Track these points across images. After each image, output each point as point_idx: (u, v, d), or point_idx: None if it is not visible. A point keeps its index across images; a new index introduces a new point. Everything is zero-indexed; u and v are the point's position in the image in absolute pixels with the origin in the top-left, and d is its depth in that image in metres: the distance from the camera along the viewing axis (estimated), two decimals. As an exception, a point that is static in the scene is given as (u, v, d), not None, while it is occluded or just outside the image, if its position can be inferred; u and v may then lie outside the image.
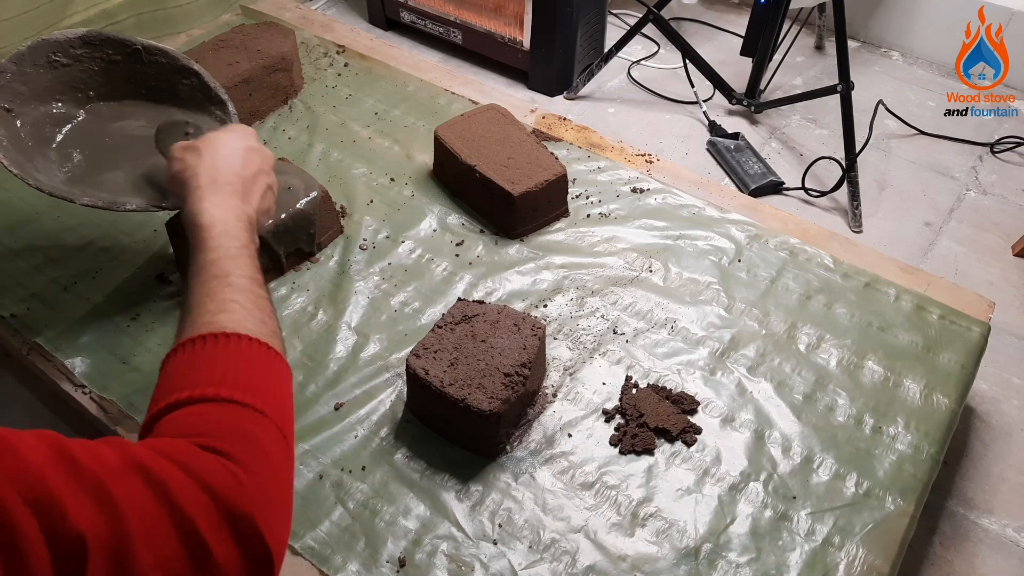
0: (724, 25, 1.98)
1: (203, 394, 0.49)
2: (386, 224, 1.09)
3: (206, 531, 0.41)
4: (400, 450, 0.83)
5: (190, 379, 0.50)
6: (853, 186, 1.43)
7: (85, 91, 0.94)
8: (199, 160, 0.69)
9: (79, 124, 0.93)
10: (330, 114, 1.27)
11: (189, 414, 0.48)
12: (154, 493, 0.40)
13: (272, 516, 0.45)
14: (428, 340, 0.82)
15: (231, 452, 0.45)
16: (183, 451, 0.44)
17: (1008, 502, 1.03)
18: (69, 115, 0.93)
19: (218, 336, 0.53)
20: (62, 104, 0.92)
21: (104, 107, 0.95)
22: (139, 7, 1.43)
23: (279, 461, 0.49)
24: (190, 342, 0.52)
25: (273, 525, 0.45)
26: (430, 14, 1.79)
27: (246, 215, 0.67)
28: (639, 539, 0.77)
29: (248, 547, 0.43)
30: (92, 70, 0.93)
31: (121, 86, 0.95)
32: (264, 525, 0.44)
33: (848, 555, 0.76)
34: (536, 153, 1.07)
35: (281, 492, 0.48)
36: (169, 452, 0.43)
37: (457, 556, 0.75)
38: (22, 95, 0.88)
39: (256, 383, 0.51)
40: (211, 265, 0.60)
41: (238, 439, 0.47)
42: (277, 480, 0.48)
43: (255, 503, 0.44)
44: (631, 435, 0.84)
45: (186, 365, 0.51)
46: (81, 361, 0.91)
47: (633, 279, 1.02)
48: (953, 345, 0.94)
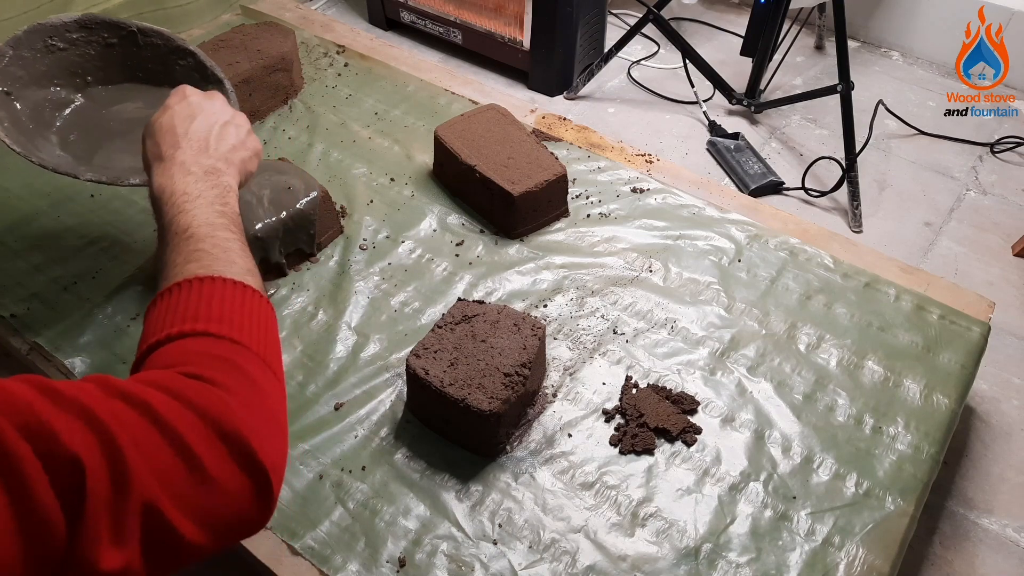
0: (724, 25, 1.98)
1: (180, 331, 0.49)
2: (386, 224, 1.09)
3: (196, 445, 0.41)
4: (400, 450, 0.83)
5: (168, 321, 0.50)
6: (853, 186, 1.43)
7: (83, 76, 0.94)
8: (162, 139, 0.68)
9: (78, 108, 0.93)
10: (330, 114, 1.28)
11: (168, 351, 0.49)
12: (139, 413, 0.41)
13: (263, 436, 0.45)
14: (428, 340, 0.82)
15: (214, 377, 0.46)
16: (166, 378, 0.44)
17: (1008, 502, 1.03)
18: (68, 99, 0.93)
19: (191, 281, 0.53)
20: (60, 88, 0.93)
21: (102, 91, 0.95)
22: (139, 7, 1.43)
23: (264, 385, 0.49)
24: (166, 291, 0.53)
25: (265, 445, 0.45)
26: (430, 14, 1.79)
27: (201, 167, 0.65)
28: (639, 539, 0.77)
29: (243, 463, 0.43)
30: (89, 54, 0.93)
31: (118, 70, 0.95)
32: (256, 443, 0.44)
33: (848, 555, 0.76)
34: (536, 153, 1.07)
35: (269, 414, 0.48)
36: (151, 380, 0.44)
37: (457, 556, 0.75)
38: (21, 79, 0.88)
39: (232, 317, 0.52)
40: (169, 226, 0.60)
41: (219, 366, 0.47)
42: (264, 402, 0.48)
43: (243, 422, 0.44)
44: (631, 435, 0.84)
45: (162, 311, 0.52)
46: (81, 361, 0.91)
47: (633, 279, 1.02)
48: (953, 345, 0.94)
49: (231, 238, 0.59)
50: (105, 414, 0.39)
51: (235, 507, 0.43)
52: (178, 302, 0.52)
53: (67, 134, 0.91)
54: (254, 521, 0.45)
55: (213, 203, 0.62)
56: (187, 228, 0.58)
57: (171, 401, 0.42)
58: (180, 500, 0.40)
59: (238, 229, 0.62)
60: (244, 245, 0.61)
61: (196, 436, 0.42)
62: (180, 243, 0.57)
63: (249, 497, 0.44)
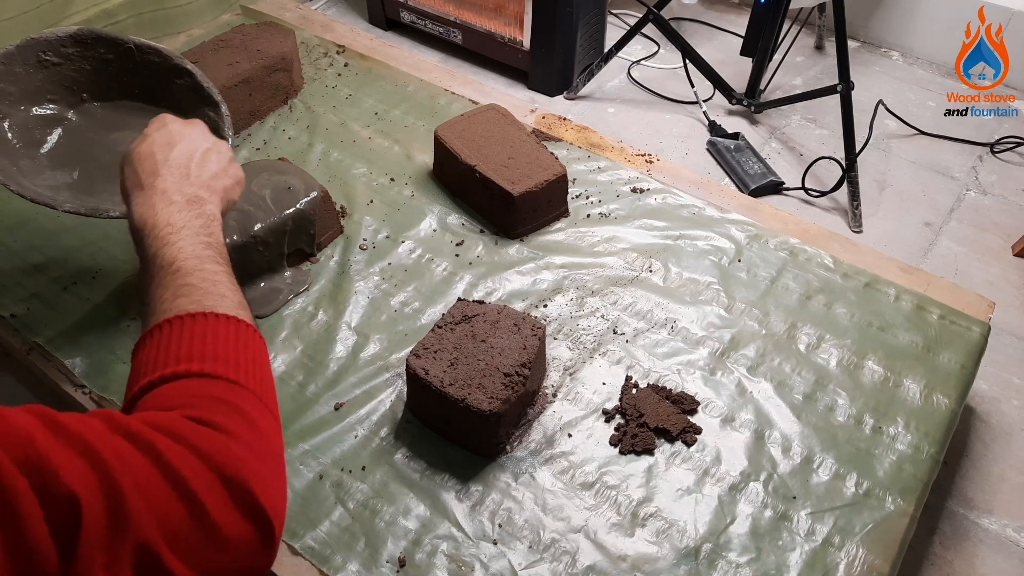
0: (724, 25, 1.98)
1: (174, 371, 0.48)
2: (386, 224, 1.09)
3: (199, 491, 0.41)
4: (400, 450, 0.83)
5: (160, 360, 0.49)
6: (853, 186, 1.43)
7: (78, 92, 0.92)
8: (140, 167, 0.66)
9: (71, 127, 0.91)
10: (330, 114, 1.28)
11: (164, 392, 0.47)
12: (143, 454, 0.40)
13: (266, 481, 0.44)
14: (428, 340, 0.82)
15: (215, 420, 0.45)
16: (169, 420, 0.43)
17: (1008, 502, 1.03)
18: (60, 116, 0.91)
19: (183, 318, 0.51)
20: (54, 105, 0.90)
21: (98, 108, 0.93)
22: (139, 7, 1.43)
23: (264, 427, 0.48)
24: (155, 328, 0.51)
25: (268, 490, 0.44)
26: (430, 14, 1.79)
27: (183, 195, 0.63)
28: (639, 539, 0.77)
29: (246, 510, 0.42)
30: (84, 69, 0.91)
31: (114, 86, 0.93)
32: (259, 490, 0.43)
33: (848, 555, 0.76)
34: (536, 153, 1.07)
35: (270, 456, 0.47)
36: (155, 422, 0.43)
37: (457, 556, 0.75)
38: (10, 95, 0.86)
39: (227, 355, 0.50)
40: (153, 260, 0.58)
41: (220, 408, 0.46)
42: (265, 445, 0.47)
43: (246, 467, 0.43)
44: (631, 435, 0.84)
45: (154, 350, 0.50)
46: (81, 361, 0.91)
47: (633, 279, 1.02)
48: (953, 345, 0.94)
49: (219, 271, 0.58)
50: (108, 452, 0.38)
51: (236, 554, 0.42)
52: (170, 340, 0.50)
53: (58, 155, 0.88)
54: (256, 568, 0.44)
55: (198, 234, 0.60)
56: (173, 262, 0.57)
57: (175, 445, 0.41)
58: (178, 544, 0.39)
59: (225, 261, 0.60)
60: (232, 277, 0.59)
61: (200, 481, 0.41)
62: (167, 277, 0.56)
63: (251, 544, 0.43)
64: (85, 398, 0.88)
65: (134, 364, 0.51)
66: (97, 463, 0.38)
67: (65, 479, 0.36)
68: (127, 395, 0.49)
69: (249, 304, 0.95)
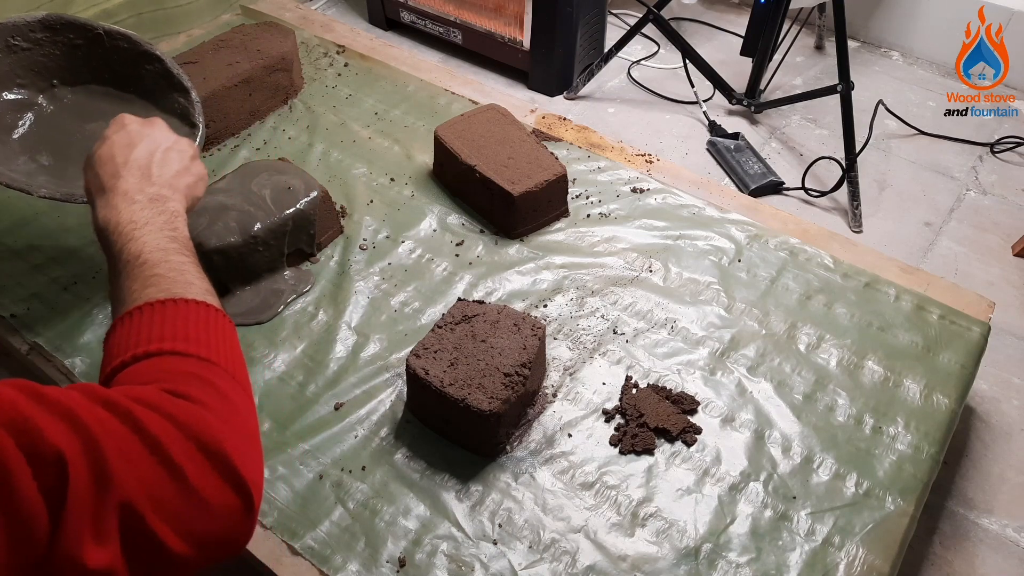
0: (724, 25, 1.98)
1: (146, 351, 0.49)
2: (386, 224, 1.09)
3: (178, 456, 0.42)
4: (400, 450, 0.83)
5: (132, 342, 0.50)
6: (853, 186, 1.43)
7: (47, 77, 0.92)
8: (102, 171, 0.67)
9: (42, 112, 0.91)
10: (330, 114, 1.28)
11: (137, 369, 0.48)
12: (122, 421, 0.41)
13: (242, 451, 0.45)
14: (428, 340, 0.82)
15: (189, 393, 0.46)
16: (146, 392, 0.45)
17: (1008, 502, 1.03)
18: (31, 102, 0.91)
19: (153, 304, 0.53)
20: (23, 90, 0.90)
21: (68, 93, 0.93)
22: (139, 7, 1.43)
23: (237, 401, 0.49)
24: (126, 316, 0.53)
25: (245, 460, 0.45)
26: (430, 14, 1.79)
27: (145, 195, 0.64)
28: (639, 539, 0.77)
29: (225, 476, 0.43)
30: (54, 54, 0.91)
31: (84, 71, 0.93)
32: (236, 458, 0.44)
33: (848, 555, 0.76)
34: (536, 153, 1.07)
35: (245, 429, 0.48)
36: (133, 393, 0.44)
37: (457, 556, 0.75)
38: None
39: (198, 336, 0.52)
40: (119, 256, 0.59)
41: (193, 383, 0.47)
42: (240, 417, 0.48)
43: (223, 436, 0.44)
44: (631, 435, 0.84)
45: (126, 334, 0.51)
46: (81, 361, 0.91)
47: (633, 279, 1.02)
48: (953, 345, 0.94)
49: (185, 261, 0.59)
50: (89, 418, 0.39)
51: (217, 519, 0.43)
52: (141, 324, 0.51)
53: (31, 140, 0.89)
54: (237, 534, 0.45)
55: (163, 229, 0.61)
56: (139, 255, 0.57)
57: (152, 414, 0.42)
58: (161, 508, 0.40)
59: (191, 253, 0.61)
60: (199, 268, 0.60)
61: (178, 448, 0.42)
62: (134, 270, 0.57)
63: (231, 510, 0.44)
64: (85, 398, 0.88)
65: (106, 348, 0.52)
66: (79, 427, 0.39)
67: (50, 439, 0.37)
68: (101, 376, 0.50)
69: (251, 309, 0.96)
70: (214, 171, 1.15)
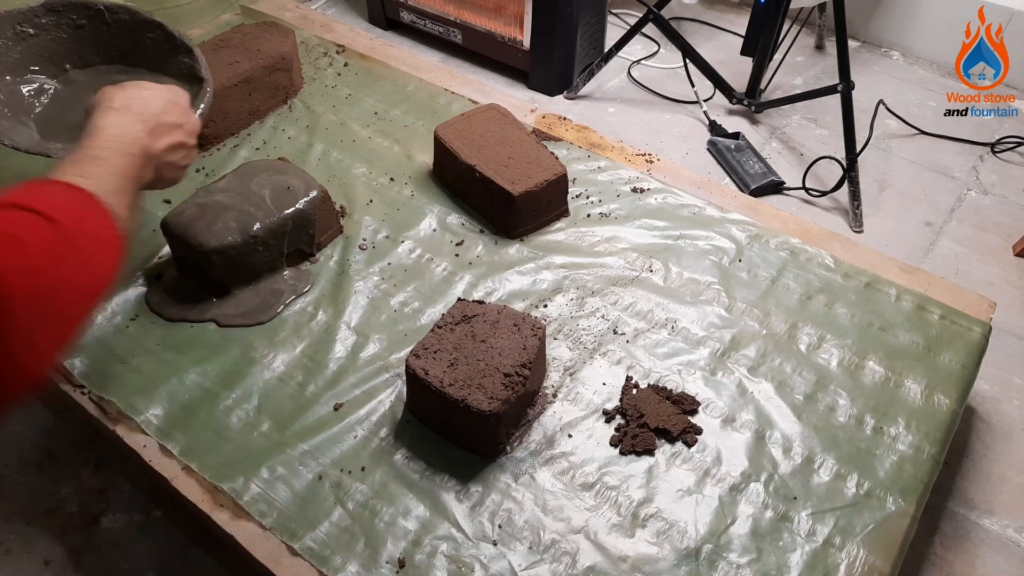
0: (724, 25, 1.98)
1: (14, 201, 0.54)
2: (386, 224, 1.09)
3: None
4: (400, 450, 0.83)
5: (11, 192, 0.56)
6: (854, 186, 1.43)
7: (59, 63, 0.95)
8: (116, 94, 0.74)
9: (58, 95, 0.95)
10: (330, 114, 1.27)
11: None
12: None
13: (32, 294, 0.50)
14: (428, 340, 0.82)
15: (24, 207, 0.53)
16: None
17: (1009, 502, 1.03)
18: (46, 87, 0.94)
19: (60, 183, 0.60)
20: (37, 76, 0.94)
21: (81, 75, 0.97)
22: (139, 7, 1.42)
23: (69, 268, 0.55)
24: (37, 179, 0.60)
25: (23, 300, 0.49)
26: (430, 14, 1.79)
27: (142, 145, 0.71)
28: (639, 540, 0.76)
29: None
30: (61, 37, 0.94)
31: (92, 51, 0.97)
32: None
33: (849, 556, 0.76)
34: (536, 153, 1.07)
35: (54, 280, 0.53)
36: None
37: (457, 557, 0.75)
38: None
39: (75, 212, 0.58)
40: (87, 150, 0.66)
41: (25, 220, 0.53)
42: (53, 272, 0.53)
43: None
44: (631, 435, 0.84)
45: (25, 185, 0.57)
46: (80, 361, 0.91)
47: (633, 279, 1.02)
48: (954, 345, 0.94)
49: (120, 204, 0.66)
50: None
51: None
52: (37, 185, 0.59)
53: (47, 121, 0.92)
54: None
55: (127, 177, 0.69)
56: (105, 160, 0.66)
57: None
58: None
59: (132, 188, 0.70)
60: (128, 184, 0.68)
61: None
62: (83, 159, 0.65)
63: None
64: (84, 398, 0.88)
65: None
66: None
67: None
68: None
69: (251, 309, 0.96)
70: (214, 171, 1.15)
